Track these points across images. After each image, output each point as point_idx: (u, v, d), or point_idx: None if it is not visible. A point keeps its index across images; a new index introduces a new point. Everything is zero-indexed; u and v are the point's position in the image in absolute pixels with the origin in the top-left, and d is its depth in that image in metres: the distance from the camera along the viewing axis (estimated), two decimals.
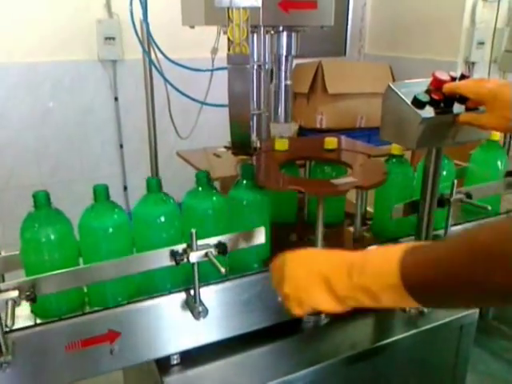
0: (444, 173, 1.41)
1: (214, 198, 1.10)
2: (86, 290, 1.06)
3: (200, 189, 1.11)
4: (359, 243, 1.30)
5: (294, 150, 1.42)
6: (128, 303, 1.04)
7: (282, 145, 1.37)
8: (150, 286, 1.08)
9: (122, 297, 1.05)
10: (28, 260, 1.00)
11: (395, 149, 1.33)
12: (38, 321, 0.98)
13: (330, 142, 1.40)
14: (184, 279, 1.08)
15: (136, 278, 1.06)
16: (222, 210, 1.12)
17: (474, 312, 1.36)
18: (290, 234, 1.38)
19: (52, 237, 0.96)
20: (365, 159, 1.36)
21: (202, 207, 1.10)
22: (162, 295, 1.07)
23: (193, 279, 1.02)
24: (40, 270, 0.94)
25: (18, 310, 0.90)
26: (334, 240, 1.32)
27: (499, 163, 1.53)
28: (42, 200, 0.97)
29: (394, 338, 1.26)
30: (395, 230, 1.36)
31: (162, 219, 1.05)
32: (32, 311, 1.00)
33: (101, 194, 1.01)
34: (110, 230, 1.00)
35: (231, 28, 1.05)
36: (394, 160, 1.34)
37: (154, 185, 1.07)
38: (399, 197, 1.33)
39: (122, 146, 3.29)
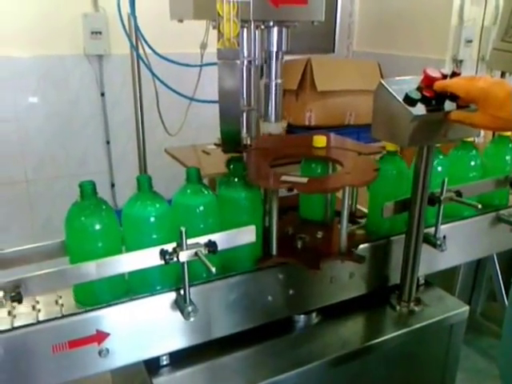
0: (472, 163, 1.47)
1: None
2: (127, 277, 1.07)
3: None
4: (350, 241, 1.28)
5: (284, 147, 1.40)
6: (116, 303, 1.02)
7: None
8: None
9: (161, 285, 1.06)
10: (73, 248, 1.02)
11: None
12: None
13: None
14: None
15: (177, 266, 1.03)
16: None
17: (465, 310, 1.36)
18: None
19: (98, 226, 0.99)
20: (356, 157, 1.35)
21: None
22: (151, 295, 1.05)
23: (182, 279, 1.00)
24: (85, 258, 0.95)
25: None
26: (325, 237, 1.31)
27: (508, 158, 1.54)
28: (88, 190, 0.99)
29: (384, 337, 1.26)
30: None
31: (201, 209, 1.08)
32: (76, 300, 1.02)
33: (144, 184, 1.03)
34: (152, 219, 1.02)
35: (222, 23, 1.02)
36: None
37: (194, 175, 1.09)
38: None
39: (108, 143, 3.24)
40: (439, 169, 1.40)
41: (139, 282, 1.06)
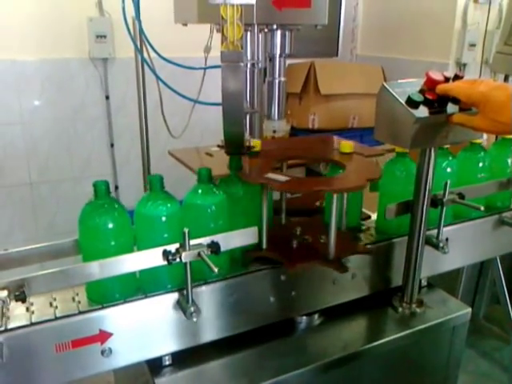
0: (480, 164, 1.48)
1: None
2: (138, 275, 1.08)
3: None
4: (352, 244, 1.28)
5: (287, 149, 1.41)
6: (119, 303, 1.03)
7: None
8: (203, 271, 1.09)
9: (172, 283, 1.08)
10: (86, 247, 1.04)
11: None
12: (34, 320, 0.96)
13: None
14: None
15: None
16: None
17: (467, 312, 1.36)
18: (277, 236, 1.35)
19: (111, 224, 1.01)
20: (359, 159, 1.35)
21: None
22: (154, 295, 1.06)
23: (185, 279, 1.01)
24: (98, 256, 0.97)
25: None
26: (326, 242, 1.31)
27: (510, 160, 1.55)
28: (101, 189, 1.01)
29: (386, 339, 1.26)
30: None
31: (212, 208, 1.10)
32: (88, 297, 1.04)
33: (156, 183, 1.05)
34: (164, 218, 1.04)
35: (226, 26, 1.03)
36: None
37: (205, 175, 1.12)
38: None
39: (112, 145, 3.26)
40: (448, 170, 1.42)
41: (150, 280, 1.07)
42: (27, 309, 1.00)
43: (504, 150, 1.56)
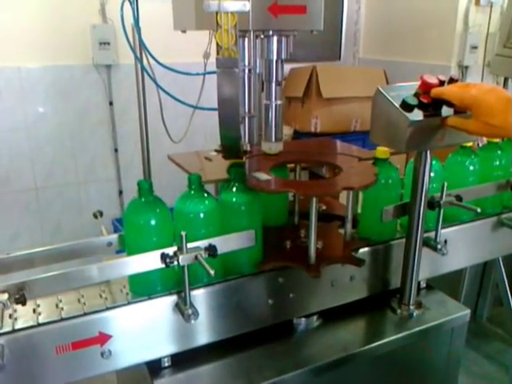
0: (471, 168, 1.50)
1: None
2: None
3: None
4: (350, 245, 1.30)
5: (285, 153, 1.42)
6: (119, 306, 1.04)
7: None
8: (235, 267, 1.16)
9: (207, 278, 1.12)
10: (130, 241, 1.10)
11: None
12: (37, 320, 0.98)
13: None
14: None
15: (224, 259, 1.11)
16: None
17: (466, 314, 1.37)
18: (282, 236, 1.37)
19: (153, 221, 1.06)
20: (356, 162, 1.36)
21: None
22: (152, 298, 1.07)
23: (183, 282, 1.03)
24: (141, 251, 1.02)
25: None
26: (325, 243, 1.32)
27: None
28: (145, 187, 1.07)
29: (385, 340, 1.26)
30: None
31: (245, 206, 1.15)
32: (130, 290, 1.09)
33: (194, 182, 1.11)
34: (202, 214, 1.09)
35: (219, 33, 1.05)
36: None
37: (238, 174, 1.17)
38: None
39: (116, 150, 3.29)
40: (471, 168, 1.48)
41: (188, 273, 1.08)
42: (56, 305, 1.03)
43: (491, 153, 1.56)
